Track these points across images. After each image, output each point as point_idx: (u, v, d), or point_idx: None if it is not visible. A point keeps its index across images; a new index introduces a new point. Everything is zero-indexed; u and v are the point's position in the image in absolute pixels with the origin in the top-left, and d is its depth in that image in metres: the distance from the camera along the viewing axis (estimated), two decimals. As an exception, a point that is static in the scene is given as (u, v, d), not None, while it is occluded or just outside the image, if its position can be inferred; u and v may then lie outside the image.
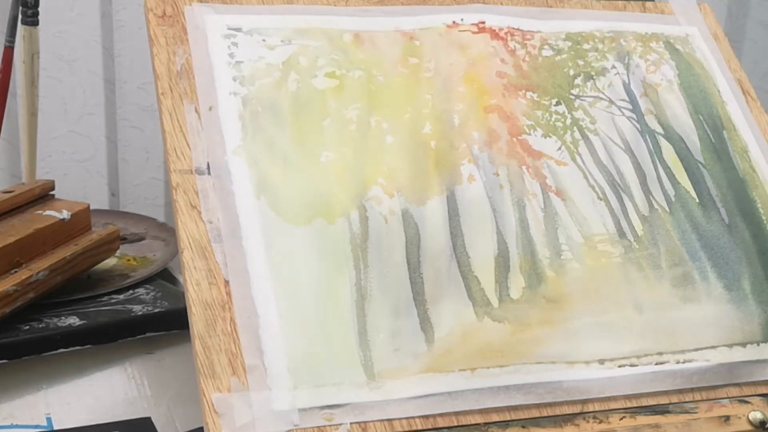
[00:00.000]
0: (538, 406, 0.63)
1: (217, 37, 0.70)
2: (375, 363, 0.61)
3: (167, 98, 0.67)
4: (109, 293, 0.86)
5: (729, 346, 0.70)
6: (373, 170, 0.68)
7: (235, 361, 0.59)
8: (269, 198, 0.65)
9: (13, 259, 0.79)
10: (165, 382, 0.79)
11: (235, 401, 0.57)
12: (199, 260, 0.61)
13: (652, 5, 0.86)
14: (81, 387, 0.78)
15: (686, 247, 0.72)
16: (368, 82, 0.71)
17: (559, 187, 0.72)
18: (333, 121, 0.69)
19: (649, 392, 0.66)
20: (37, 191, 0.88)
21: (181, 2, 0.71)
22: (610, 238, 0.71)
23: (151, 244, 0.99)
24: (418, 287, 0.65)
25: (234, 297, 0.61)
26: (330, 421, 0.59)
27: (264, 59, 0.70)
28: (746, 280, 0.72)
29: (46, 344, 0.78)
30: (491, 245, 0.68)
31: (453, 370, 0.62)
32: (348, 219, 0.66)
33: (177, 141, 0.65)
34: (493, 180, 0.70)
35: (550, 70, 0.77)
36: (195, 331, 0.59)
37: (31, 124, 0.91)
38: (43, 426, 0.73)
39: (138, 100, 1.17)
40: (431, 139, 0.71)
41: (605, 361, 0.66)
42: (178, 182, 0.64)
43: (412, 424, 0.60)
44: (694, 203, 0.75)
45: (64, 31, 1.12)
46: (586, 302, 0.68)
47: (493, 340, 0.64)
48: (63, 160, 1.16)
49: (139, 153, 1.19)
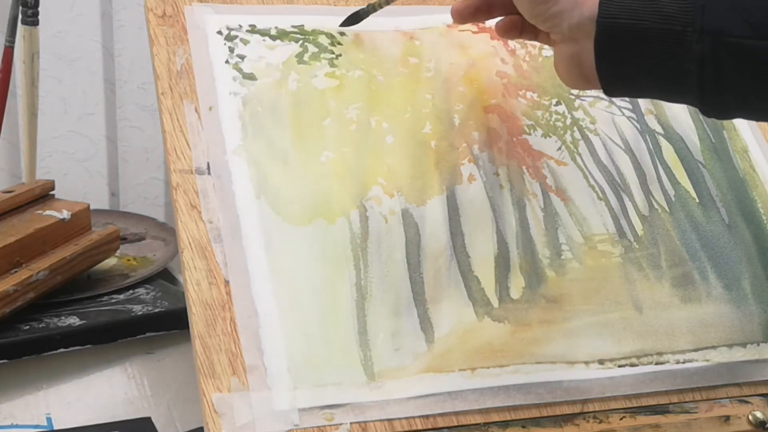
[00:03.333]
0: (538, 406, 0.63)
1: (217, 37, 0.70)
2: (375, 363, 0.61)
3: (167, 98, 0.67)
4: (109, 293, 0.86)
5: (729, 346, 0.70)
6: (373, 170, 0.68)
7: (235, 361, 0.59)
8: (269, 198, 0.65)
9: (13, 259, 0.79)
10: (165, 382, 0.79)
11: (235, 401, 0.57)
12: (199, 260, 0.61)
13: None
14: (81, 387, 0.78)
15: (686, 247, 0.72)
16: (368, 82, 0.71)
17: (559, 187, 0.72)
18: (333, 121, 0.69)
19: (649, 392, 0.66)
20: (37, 191, 0.88)
21: (181, 2, 0.71)
22: (610, 238, 0.71)
23: (151, 244, 0.99)
24: (418, 287, 0.65)
25: (234, 297, 0.61)
26: (330, 421, 0.59)
27: (264, 59, 0.70)
28: (746, 280, 0.72)
29: (46, 344, 0.78)
30: (491, 245, 0.68)
31: (453, 370, 0.62)
32: (348, 219, 0.66)
33: (177, 141, 0.65)
34: (493, 180, 0.70)
35: (550, 70, 0.76)
36: (195, 331, 0.59)
37: (31, 124, 0.91)
38: (43, 426, 0.73)
39: (138, 100, 1.17)
40: (431, 138, 0.71)
41: (605, 361, 0.66)
42: (178, 182, 0.64)
43: (412, 423, 0.60)
44: (694, 203, 0.75)
45: (64, 31, 1.12)
46: (586, 302, 0.68)
47: (493, 340, 0.64)
48: (63, 160, 1.15)
49: (139, 153, 1.19)
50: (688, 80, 0.54)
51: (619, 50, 0.56)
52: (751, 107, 0.56)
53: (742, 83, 0.53)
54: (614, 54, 0.57)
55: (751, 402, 0.68)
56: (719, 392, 0.68)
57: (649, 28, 0.55)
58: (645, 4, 0.55)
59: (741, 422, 0.67)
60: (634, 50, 0.56)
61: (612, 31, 0.56)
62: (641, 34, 0.55)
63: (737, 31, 0.52)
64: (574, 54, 0.59)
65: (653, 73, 0.56)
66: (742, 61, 0.52)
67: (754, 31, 0.52)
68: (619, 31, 0.56)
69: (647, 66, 0.56)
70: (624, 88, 0.59)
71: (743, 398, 0.68)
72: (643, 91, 0.59)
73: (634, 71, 0.57)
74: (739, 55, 0.52)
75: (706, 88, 0.54)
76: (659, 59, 0.55)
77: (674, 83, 0.56)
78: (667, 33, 0.54)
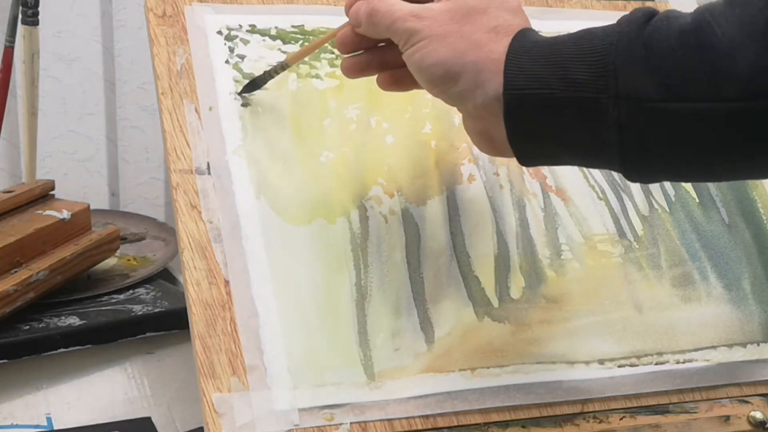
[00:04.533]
0: (538, 406, 0.63)
1: (217, 36, 0.70)
2: (375, 363, 0.61)
3: (167, 98, 0.67)
4: (109, 293, 0.86)
5: (729, 346, 0.70)
6: (373, 170, 0.68)
7: (235, 361, 0.59)
8: (269, 198, 0.65)
9: (13, 259, 0.79)
10: (165, 382, 0.79)
11: (235, 401, 0.57)
12: (199, 260, 0.61)
13: (652, 5, 0.85)
14: (81, 387, 0.78)
15: (686, 247, 0.72)
16: (368, 82, 0.71)
17: (559, 187, 0.72)
18: (333, 121, 0.69)
19: (649, 392, 0.66)
20: (37, 191, 0.88)
21: (181, 2, 0.71)
22: (610, 238, 0.71)
23: (151, 244, 0.99)
24: (418, 287, 0.65)
25: (234, 297, 0.61)
26: (330, 421, 0.59)
27: (264, 59, 0.70)
28: (746, 280, 0.72)
29: (46, 344, 0.78)
30: (491, 245, 0.68)
31: (453, 370, 0.62)
32: (348, 219, 0.66)
33: (177, 141, 0.65)
34: (493, 180, 0.70)
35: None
36: (195, 331, 0.59)
37: (31, 124, 0.91)
38: (43, 426, 0.73)
39: (138, 100, 1.17)
40: (431, 138, 0.71)
41: (605, 361, 0.66)
42: (178, 182, 0.64)
43: (412, 423, 0.60)
44: (694, 203, 0.75)
45: (64, 31, 1.12)
46: (586, 302, 0.68)
47: (493, 340, 0.64)
48: (63, 160, 1.16)
49: (139, 153, 1.19)
50: (608, 148, 0.51)
51: (530, 122, 0.52)
52: (676, 170, 0.53)
53: (664, 147, 0.50)
54: (526, 126, 0.53)
55: (751, 402, 0.68)
56: (719, 392, 0.68)
57: (560, 97, 0.51)
58: (554, 71, 0.51)
59: (741, 422, 0.67)
60: (547, 121, 0.52)
61: (521, 103, 0.52)
62: (552, 103, 0.51)
63: (655, 95, 0.48)
64: (483, 130, 0.56)
65: (570, 143, 0.53)
66: (664, 125, 0.49)
67: (673, 94, 0.48)
68: (528, 102, 0.52)
69: (562, 137, 0.52)
70: (540, 159, 0.56)
71: (743, 398, 0.68)
72: (560, 160, 0.55)
73: (549, 141, 0.53)
74: (660, 120, 0.49)
75: (627, 155, 0.51)
76: (574, 129, 0.51)
77: (593, 151, 0.52)
78: (580, 101, 0.50)
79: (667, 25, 0.50)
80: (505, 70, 0.52)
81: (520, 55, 0.53)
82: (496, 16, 0.55)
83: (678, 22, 0.50)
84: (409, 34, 0.56)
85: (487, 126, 0.55)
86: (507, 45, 0.53)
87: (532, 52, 0.53)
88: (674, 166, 0.52)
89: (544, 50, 0.52)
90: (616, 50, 0.50)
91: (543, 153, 0.55)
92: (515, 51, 0.53)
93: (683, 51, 0.48)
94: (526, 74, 0.52)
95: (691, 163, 0.51)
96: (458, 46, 0.54)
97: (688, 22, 0.49)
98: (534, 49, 0.53)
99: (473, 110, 0.55)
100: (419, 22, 0.56)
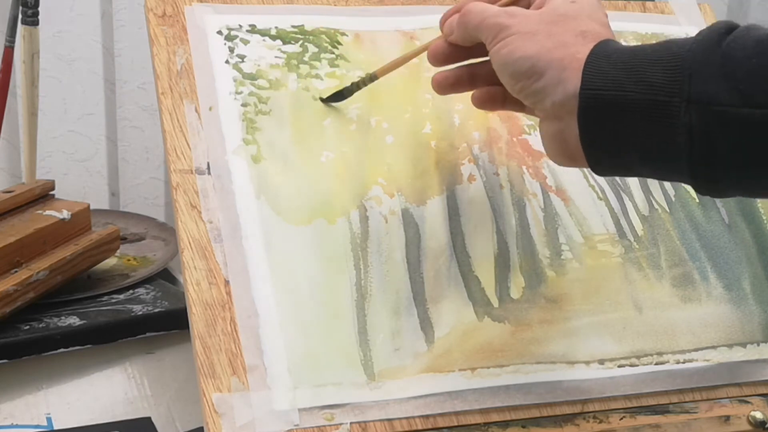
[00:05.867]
0: (538, 406, 0.63)
1: (217, 36, 0.70)
2: (375, 363, 0.61)
3: (167, 98, 0.67)
4: (109, 293, 0.86)
5: (729, 346, 0.70)
6: (373, 170, 0.68)
7: (235, 361, 0.59)
8: (269, 198, 0.65)
9: (13, 259, 0.79)
10: (165, 382, 0.79)
11: (235, 401, 0.57)
12: (199, 260, 0.61)
13: (652, 5, 0.86)
14: (81, 387, 0.78)
15: (686, 247, 0.72)
16: (368, 82, 0.71)
17: (559, 187, 0.72)
18: (333, 121, 0.69)
19: (649, 392, 0.66)
20: (37, 191, 0.88)
21: (181, 2, 0.71)
22: (610, 238, 0.71)
23: (151, 244, 0.99)
24: (418, 287, 0.65)
25: (234, 297, 0.61)
26: (330, 421, 0.59)
27: (264, 59, 0.70)
28: (746, 280, 0.72)
29: (46, 344, 0.78)
30: (491, 245, 0.68)
31: (453, 370, 0.62)
32: (348, 219, 0.66)
33: (177, 141, 0.65)
34: (493, 180, 0.70)
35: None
36: (195, 331, 0.59)
37: (31, 124, 0.91)
38: (43, 426, 0.73)
39: (138, 100, 1.17)
40: (431, 138, 0.71)
41: (605, 360, 0.66)
42: (178, 182, 0.64)
43: (412, 423, 0.60)
44: (694, 203, 0.75)
45: (64, 31, 1.12)
46: (586, 302, 0.68)
47: (493, 340, 0.64)
48: (63, 160, 1.16)
49: (139, 153, 1.19)
50: (678, 153, 0.51)
51: (604, 124, 0.53)
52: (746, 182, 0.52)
53: (734, 156, 0.50)
54: (599, 128, 0.53)
55: (751, 402, 0.68)
56: (719, 392, 0.68)
57: (635, 99, 0.51)
58: (630, 74, 0.52)
59: (741, 422, 0.67)
60: (620, 123, 0.52)
61: (596, 104, 0.52)
62: (626, 106, 0.51)
63: (725, 99, 0.49)
64: (558, 132, 0.56)
65: (641, 147, 0.53)
66: (733, 130, 0.49)
67: (744, 100, 0.48)
68: (603, 103, 0.52)
69: (634, 140, 0.52)
70: (611, 164, 0.55)
71: (743, 398, 0.68)
72: (631, 168, 0.55)
73: (621, 146, 0.53)
74: (730, 126, 0.49)
75: (696, 161, 0.51)
76: (646, 132, 0.52)
77: (663, 156, 0.52)
78: (653, 104, 0.51)
79: (746, 35, 0.50)
80: (584, 70, 0.54)
81: (600, 58, 0.54)
82: (586, 23, 0.57)
83: (758, 32, 0.50)
84: (499, 28, 0.57)
85: (563, 127, 0.55)
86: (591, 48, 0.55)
87: (612, 57, 0.53)
88: (745, 176, 0.51)
89: (624, 56, 0.53)
90: (693, 56, 0.50)
91: (614, 158, 0.54)
92: (597, 54, 0.54)
93: (758, 59, 0.49)
94: (604, 76, 0.53)
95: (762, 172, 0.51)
96: (546, 43, 0.56)
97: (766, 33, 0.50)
98: (614, 54, 0.54)
99: (551, 108, 0.55)
100: (510, 18, 0.57)
